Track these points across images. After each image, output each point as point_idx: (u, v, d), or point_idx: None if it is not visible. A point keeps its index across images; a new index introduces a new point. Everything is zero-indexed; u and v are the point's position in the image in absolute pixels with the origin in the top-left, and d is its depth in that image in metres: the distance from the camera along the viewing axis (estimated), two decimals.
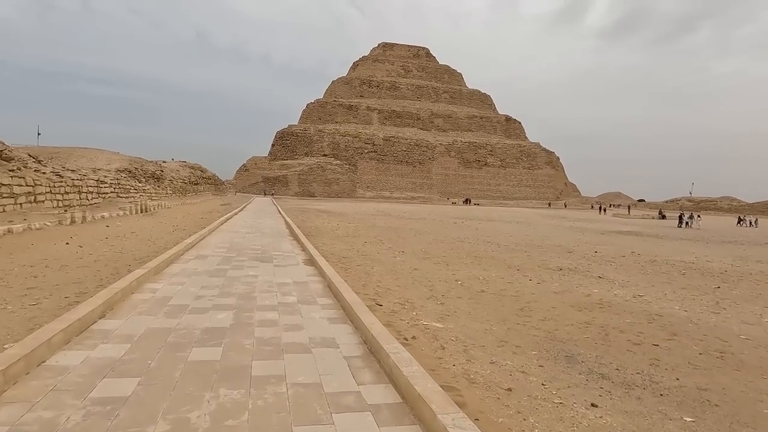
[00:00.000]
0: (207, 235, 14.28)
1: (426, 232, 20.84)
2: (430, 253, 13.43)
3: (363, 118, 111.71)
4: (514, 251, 14.94)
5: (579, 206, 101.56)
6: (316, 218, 27.21)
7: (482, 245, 16.40)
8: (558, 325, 6.16)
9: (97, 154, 31.14)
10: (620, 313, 7.00)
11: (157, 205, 24.35)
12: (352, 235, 17.82)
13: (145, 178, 28.82)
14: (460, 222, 30.67)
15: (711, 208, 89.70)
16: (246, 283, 7.37)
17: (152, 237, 13.04)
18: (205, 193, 53.70)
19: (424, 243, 16.19)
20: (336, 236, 16.83)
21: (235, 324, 5.11)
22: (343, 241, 15.32)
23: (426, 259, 12.04)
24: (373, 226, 22.63)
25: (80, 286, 6.58)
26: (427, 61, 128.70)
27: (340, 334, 4.98)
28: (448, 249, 14.65)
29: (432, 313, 6.42)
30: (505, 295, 8.03)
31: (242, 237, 14.55)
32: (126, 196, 22.44)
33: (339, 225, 22.68)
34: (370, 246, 14.37)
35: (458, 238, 18.99)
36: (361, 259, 11.18)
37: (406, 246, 14.91)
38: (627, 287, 9.34)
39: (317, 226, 20.79)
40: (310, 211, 36.20)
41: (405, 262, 11.23)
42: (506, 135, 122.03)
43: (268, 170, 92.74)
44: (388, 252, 13.17)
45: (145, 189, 26.87)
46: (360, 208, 48.92)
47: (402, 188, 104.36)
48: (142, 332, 4.65)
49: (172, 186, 35.80)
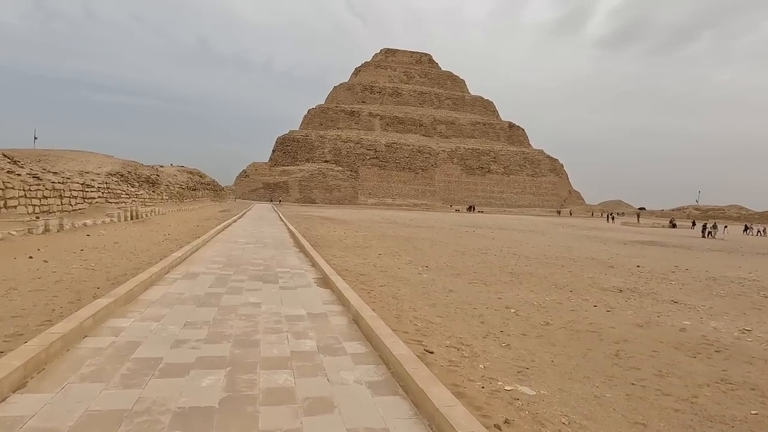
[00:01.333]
0: (201, 246, 12.47)
1: (442, 242, 19.05)
2: (457, 268, 11.63)
3: (365, 124, 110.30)
4: (548, 265, 13.14)
5: (585, 214, 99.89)
6: (320, 226, 25.43)
7: (510, 258, 14.61)
8: (687, 384, 4.35)
9: (88, 157, 29.38)
10: (752, 361, 5.19)
11: (150, 212, 22.56)
12: (363, 245, 16.04)
13: (138, 182, 27.05)
14: (471, 230, 28.89)
15: (720, 217, 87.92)
16: (245, 317, 5.56)
17: (137, 249, 11.23)
18: (203, 199, 51.96)
19: (445, 255, 14.40)
20: (346, 247, 15.04)
21: (227, 400, 3.29)
22: (355, 253, 13.53)
23: (456, 277, 10.24)
24: (383, 236, 20.84)
25: (18, 322, 4.78)
26: (429, 67, 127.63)
27: (394, 420, 3.16)
28: (476, 263, 12.84)
29: (504, 364, 4.62)
30: (579, 329, 6.22)
31: (241, 249, 12.74)
32: (116, 202, 20.66)
33: (346, 234, 20.89)
34: (386, 259, 12.57)
35: (479, 248, 17.20)
36: (382, 277, 9.39)
37: (427, 259, 13.11)
38: (719, 317, 7.53)
39: (323, 236, 19.00)
40: (312, 218, 34.41)
41: (434, 281, 9.43)
42: (509, 142, 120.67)
43: (268, 176, 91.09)
44: (409, 267, 11.37)
45: (138, 194, 25.09)
46: (363, 215, 47.15)
47: (404, 195, 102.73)
48: (71, 424, 2.83)
49: (169, 191, 34.03)
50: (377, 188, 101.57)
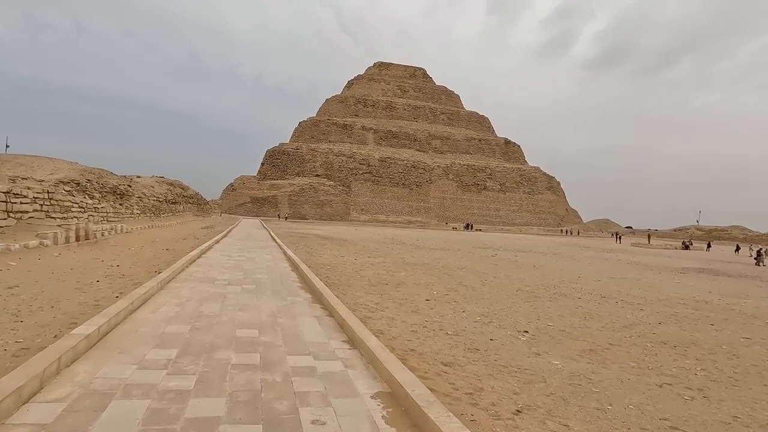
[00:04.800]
0: (156, 291, 7.97)
1: (484, 274, 14.77)
2: (566, 329, 7.32)
3: (358, 138, 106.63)
4: (682, 320, 8.92)
5: (586, 233, 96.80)
6: (321, 248, 20.97)
7: (607, 304, 10.35)
8: None
9: (44, 162, 24.62)
10: None
11: (109, 229, 17.88)
12: (392, 281, 11.67)
13: (101, 193, 22.33)
14: (493, 254, 24.63)
15: (724, 238, 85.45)
16: None
17: (40, 299, 6.71)
18: (184, 213, 47.03)
19: (517, 300, 10.09)
20: (371, 285, 10.67)
21: None
22: (390, 297, 9.14)
23: (591, 356, 5.94)
24: (406, 263, 16.47)
25: None
26: (423, 81, 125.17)
27: None
28: (571, 314, 8.52)
29: None
30: None
31: (220, 297, 8.25)
32: (62, 217, 16.00)
33: (358, 260, 16.50)
34: (442, 309, 8.20)
35: (542, 285, 12.97)
36: (483, 367, 5.04)
37: (497, 308, 8.78)
38: None
39: (332, 264, 14.58)
40: (308, 237, 29.88)
41: (583, 378, 5.09)
42: (505, 158, 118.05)
43: (256, 190, 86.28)
44: (499, 332, 7.03)
45: (98, 207, 20.39)
46: (362, 233, 42.71)
47: (398, 212, 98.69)
48: None
49: (141, 205, 29.26)
50: (370, 204, 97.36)
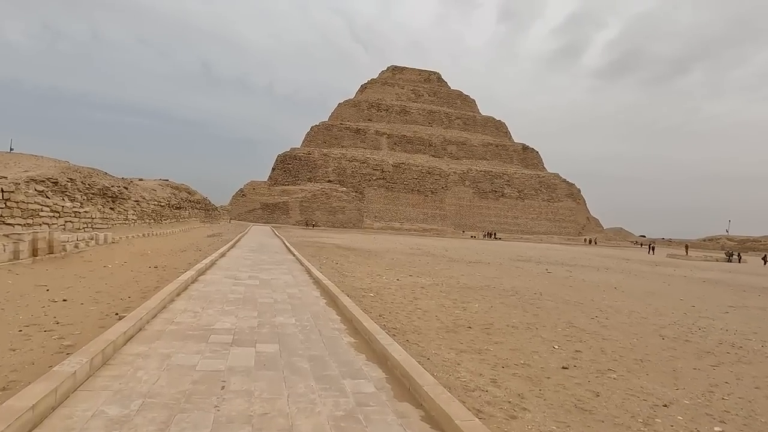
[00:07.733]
0: (111, 356, 4.32)
1: (575, 303, 10.92)
2: None
3: (371, 143, 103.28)
4: None
5: (609, 243, 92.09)
6: (348, 263, 17.25)
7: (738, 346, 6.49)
8: None
9: (23, 160, 21.30)
10: None
11: (87, 239, 14.33)
12: (473, 321, 7.89)
13: (87, 195, 18.86)
14: (540, 269, 20.69)
15: (760, 249, 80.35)
16: None
17: None
18: (190, 219, 43.70)
19: (694, 362, 6.29)
20: (447, 330, 6.91)
21: None
22: (501, 362, 5.37)
23: None
24: (462, 286, 12.64)
25: None
26: (438, 85, 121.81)
27: None
28: None
29: None
30: None
31: (213, 386, 4.60)
32: (24, 224, 12.51)
33: (400, 281, 12.73)
34: (614, 396, 4.46)
35: (676, 323, 9.11)
36: None
37: (698, 390, 5.00)
38: None
39: (373, 289, 10.83)
40: (327, 247, 26.17)
41: None
42: (523, 164, 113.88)
43: (267, 196, 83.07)
44: None
45: (79, 212, 16.90)
46: (382, 242, 38.92)
47: (412, 219, 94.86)
48: None
49: (139, 209, 25.81)
50: (384, 211, 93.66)
